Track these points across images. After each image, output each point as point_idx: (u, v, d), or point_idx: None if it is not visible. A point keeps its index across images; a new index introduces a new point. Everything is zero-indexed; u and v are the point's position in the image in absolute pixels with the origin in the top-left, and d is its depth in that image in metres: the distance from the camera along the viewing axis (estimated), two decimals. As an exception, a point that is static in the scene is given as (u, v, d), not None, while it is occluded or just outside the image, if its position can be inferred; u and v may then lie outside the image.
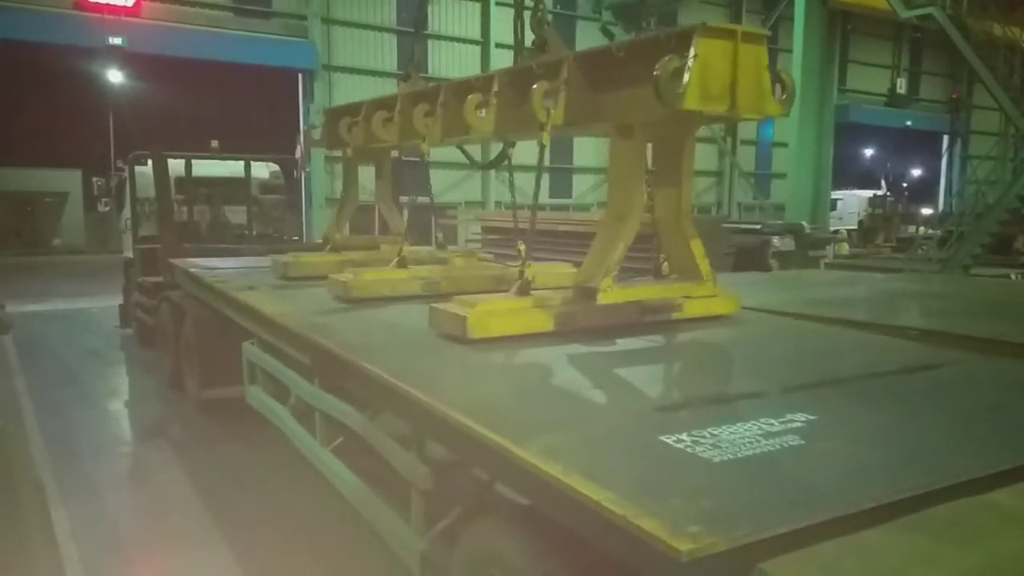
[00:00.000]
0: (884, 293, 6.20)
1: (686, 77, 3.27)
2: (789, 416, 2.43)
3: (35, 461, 6.30)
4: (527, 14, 4.75)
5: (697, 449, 2.14)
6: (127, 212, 11.83)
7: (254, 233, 11.71)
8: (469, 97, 4.25)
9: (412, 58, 6.35)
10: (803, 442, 2.23)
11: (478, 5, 26.46)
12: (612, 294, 3.88)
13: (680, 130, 4.05)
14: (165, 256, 9.13)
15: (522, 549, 2.59)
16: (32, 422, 7.40)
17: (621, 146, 3.97)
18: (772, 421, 2.38)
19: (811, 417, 2.44)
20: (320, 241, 7.97)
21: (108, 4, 20.11)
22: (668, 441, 2.22)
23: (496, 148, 5.49)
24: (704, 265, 4.20)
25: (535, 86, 3.79)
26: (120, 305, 12.24)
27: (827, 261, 15.30)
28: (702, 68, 3.32)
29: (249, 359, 5.83)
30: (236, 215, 12.25)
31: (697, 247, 4.18)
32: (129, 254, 11.73)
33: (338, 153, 6.95)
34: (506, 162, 5.29)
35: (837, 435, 2.36)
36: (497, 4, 25.66)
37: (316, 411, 4.55)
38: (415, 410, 2.88)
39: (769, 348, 3.99)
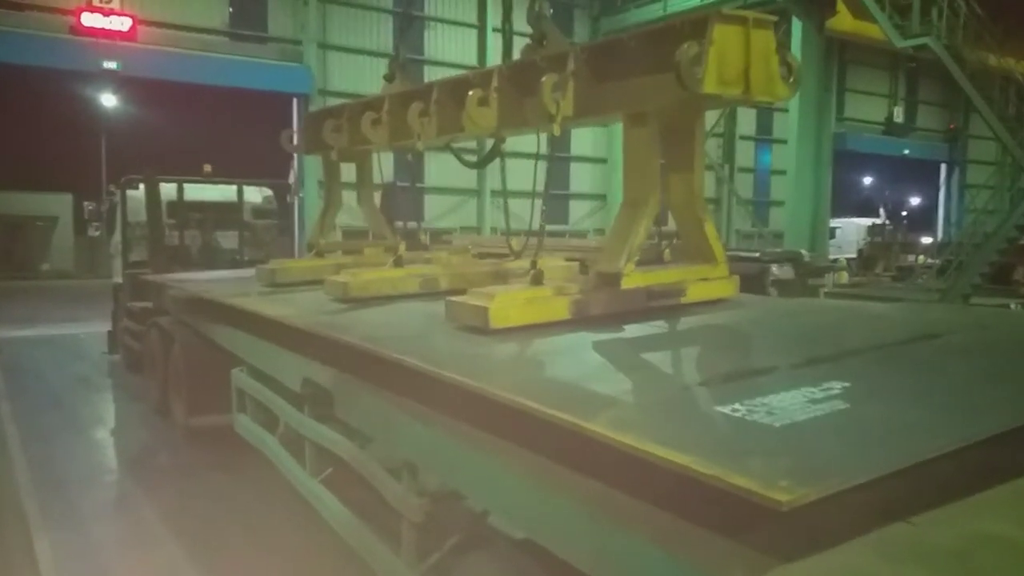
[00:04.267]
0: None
1: (705, 63, 3.38)
2: (826, 384, 2.52)
3: (19, 489, 6.24)
4: (524, 11, 4.74)
5: (755, 416, 2.21)
6: (117, 236, 11.76)
7: (246, 258, 11.60)
8: (470, 93, 4.28)
9: (397, 57, 6.27)
10: (848, 405, 2.32)
11: (474, 31, 26.66)
12: (634, 278, 3.93)
13: (691, 115, 4.13)
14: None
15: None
16: (17, 449, 7.36)
17: (634, 134, 4.02)
18: (812, 389, 2.47)
19: (846, 384, 2.53)
20: None
21: (104, 29, 20.21)
22: (724, 411, 2.29)
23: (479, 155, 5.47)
24: (717, 247, 4.31)
25: (544, 79, 3.81)
26: (108, 331, 12.20)
27: (826, 290, 15.20)
28: (718, 53, 3.44)
29: (238, 386, 5.75)
30: (228, 240, 12.18)
31: (711, 230, 4.30)
32: (119, 279, 11.68)
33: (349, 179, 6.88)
34: (500, 170, 5.29)
35: (876, 399, 2.49)
36: (494, 31, 25.83)
37: (305, 440, 4.48)
38: (462, 398, 2.82)
39: (780, 326, 4.20)
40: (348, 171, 6.82)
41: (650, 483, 2.01)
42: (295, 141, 7.22)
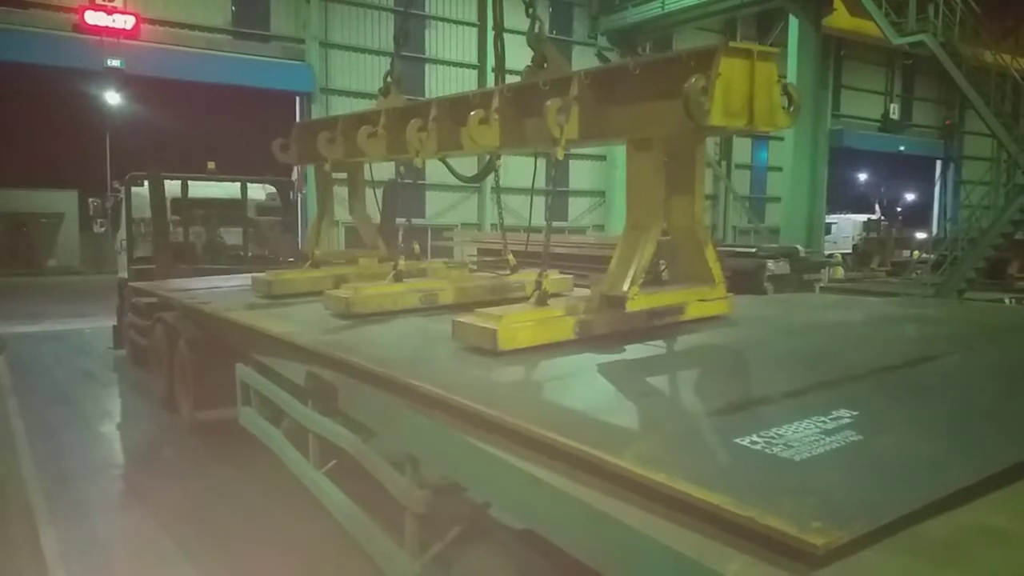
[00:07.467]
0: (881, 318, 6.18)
1: (711, 94, 3.40)
2: (835, 413, 2.54)
3: (25, 483, 6.24)
4: (526, 32, 4.79)
5: (774, 450, 2.22)
6: (123, 233, 11.81)
7: (250, 255, 11.70)
8: (472, 113, 4.29)
9: (392, 71, 6.25)
10: (862, 437, 2.33)
11: (475, 30, 26.68)
12: (638, 301, 3.99)
13: (692, 141, 4.18)
14: (160, 277, 9.10)
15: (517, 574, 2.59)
16: (23, 443, 7.33)
17: (638, 159, 4.08)
18: (823, 419, 2.48)
19: (854, 412, 2.55)
20: None
21: (107, 27, 20.27)
22: (743, 443, 2.29)
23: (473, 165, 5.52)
24: (716, 270, 4.41)
25: (549, 103, 3.83)
26: (114, 326, 12.16)
27: (822, 285, 15.29)
28: (724, 85, 3.47)
29: (243, 380, 5.80)
30: (232, 236, 12.26)
31: (710, 253, 4.39)
32: (124, 275, 11.68)
33: (342, 175, 6.96)
34: (494, 175, 5.30)
35: (887, 428, 2.50)
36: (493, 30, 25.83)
37: (309, 433, 4.53)
38: (479, 425, 2.79)
39: (778, 347, 4.22)
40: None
41: (668, 506, 2.01)
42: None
